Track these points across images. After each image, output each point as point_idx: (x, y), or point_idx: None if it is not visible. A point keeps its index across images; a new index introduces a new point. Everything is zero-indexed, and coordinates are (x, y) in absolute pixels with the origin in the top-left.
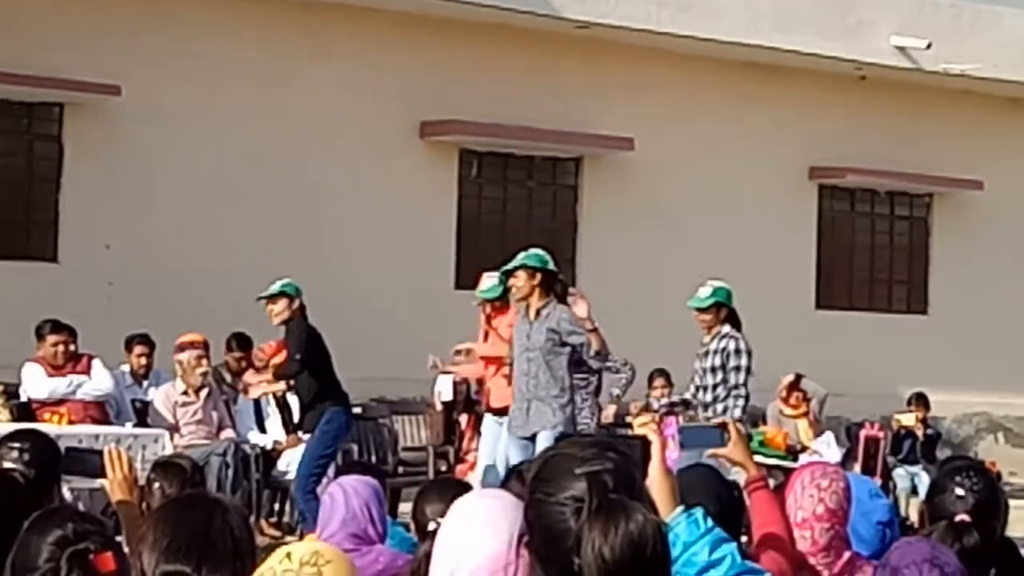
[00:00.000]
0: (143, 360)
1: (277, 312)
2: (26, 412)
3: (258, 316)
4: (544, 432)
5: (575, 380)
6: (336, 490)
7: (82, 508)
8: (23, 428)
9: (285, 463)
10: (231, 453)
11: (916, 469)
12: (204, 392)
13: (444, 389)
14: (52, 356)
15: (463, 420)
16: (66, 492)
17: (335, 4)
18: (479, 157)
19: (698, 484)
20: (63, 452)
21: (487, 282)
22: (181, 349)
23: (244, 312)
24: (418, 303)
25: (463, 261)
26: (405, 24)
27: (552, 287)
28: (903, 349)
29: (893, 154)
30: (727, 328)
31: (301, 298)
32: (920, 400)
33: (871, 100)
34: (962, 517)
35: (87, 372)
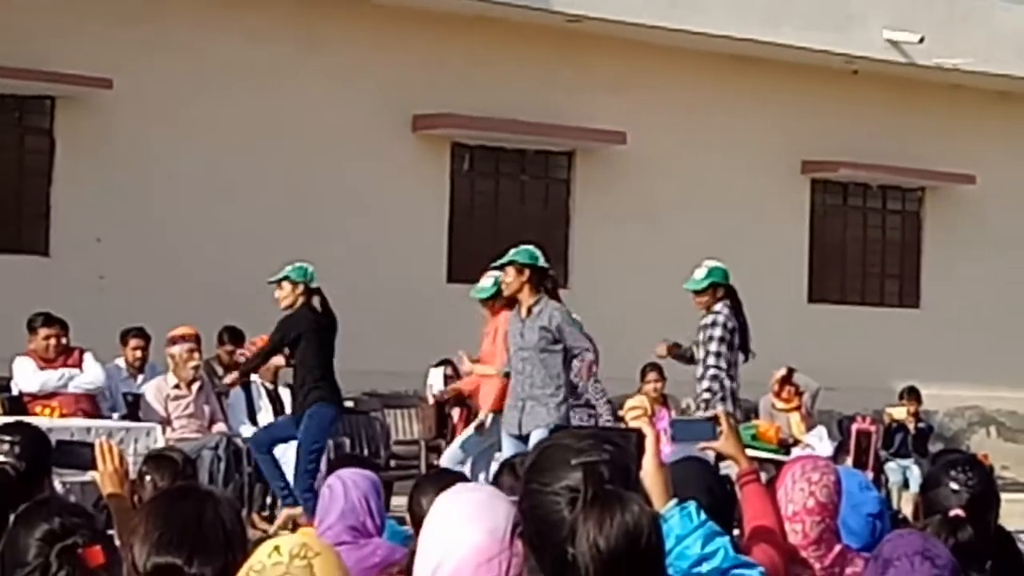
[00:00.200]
0: (138, 353)
1: (281, 298)
2: (17, 405)
3: (250, 309)
4: (538, 431)
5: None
6: (335, 482)
7: (73, 500)
8: (13, 421)
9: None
10: (223, 447)
11: (908, 463)
12: (196, 385)
13: (436, 383)
14: (44, 349)
15: (455, 414)
16: (58, 485)
17: None
18: (471, 151)
19: (690, 477)
20: (54, 445)
21: (482, 282)
22: (173, 342)
23: (236, 305)
24: (410, 297)
25: (455, 255)
26: (397, 18)
27: (542, 283)
28: (895, 343)
29: (885, 148)
30: (719, 306)
31: (308, 282)
32: (912, 394)
33: (863, 94)
34: (956, 512)
35: (78, 365)
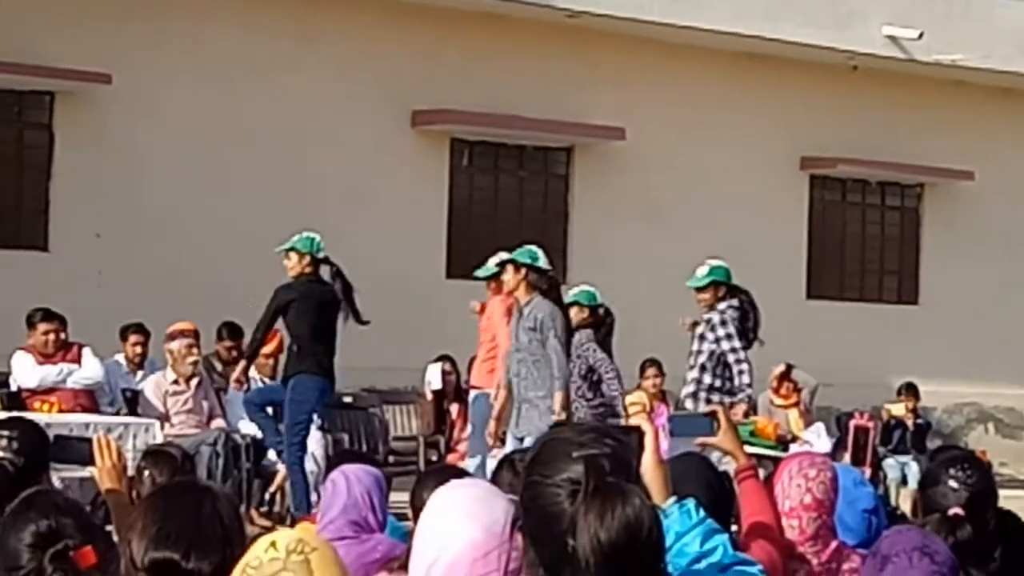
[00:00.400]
0: (138, 349)
1: (288, 267)
2: (16, 401)
3: (248, 305)
4: (529, 438)
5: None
6: (338, 477)
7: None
8: (11, 416)
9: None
10: (221, 443)
11: (906, 459)
12: (194, 381)
13: (433, 378)
14: (42, 345)
15: (453, 410)
16: (56, 481)
17: None
18: (470, 146)
19: (689, 472)
20: (52, 440)
21: (489, 262)
22: (171, 338)
23: (235, 301)
24: (409, 292)
25: (454, 250)
26: (396, 12)
27: (539, 284)
28: (894, 339)
29: (884, 144)
30: (722, 305)
31: (315, 253)
32: (910, 390)
33: (862, 90)
34: (956, 511)
35: (77, 361)
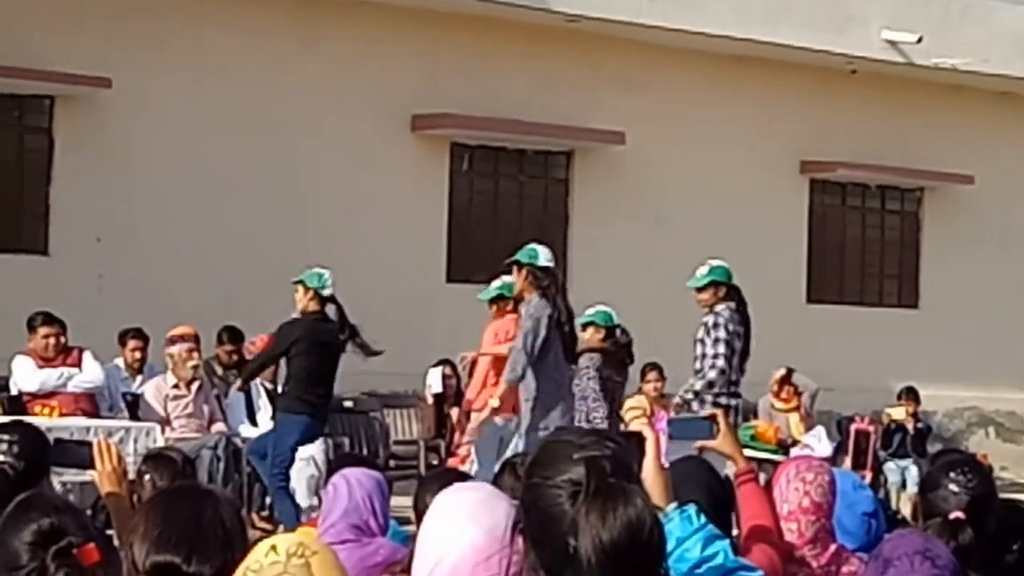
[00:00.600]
0: (137, 354)
1: (296, 300)
2: (17, 405)
3: (248, 309)
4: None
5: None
6: (340, 481)
7: (71, 499)
8: (12, 420)
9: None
10: (222, 446)
11: (906, 463)
12: (195, 385)
13: (434, 382)
14: (43, 348)
15: (454, 414)
16: (57, 485)
17: None
18: (470, 151)
19: (690, 476)
20: (52, 444)
21: (492, 284)
22: (172, 342)
23: (235, 305)
24: (409, 297)
25: (454, 255)
26: (396, 17)
27: (540, 281)
28: (894, 343)
29: (884, 148)
30: (721, 306)
31: (320, 289)
32: (910, 394)
33: (862, 94)
34: (957, 515)
35: (78, 365)
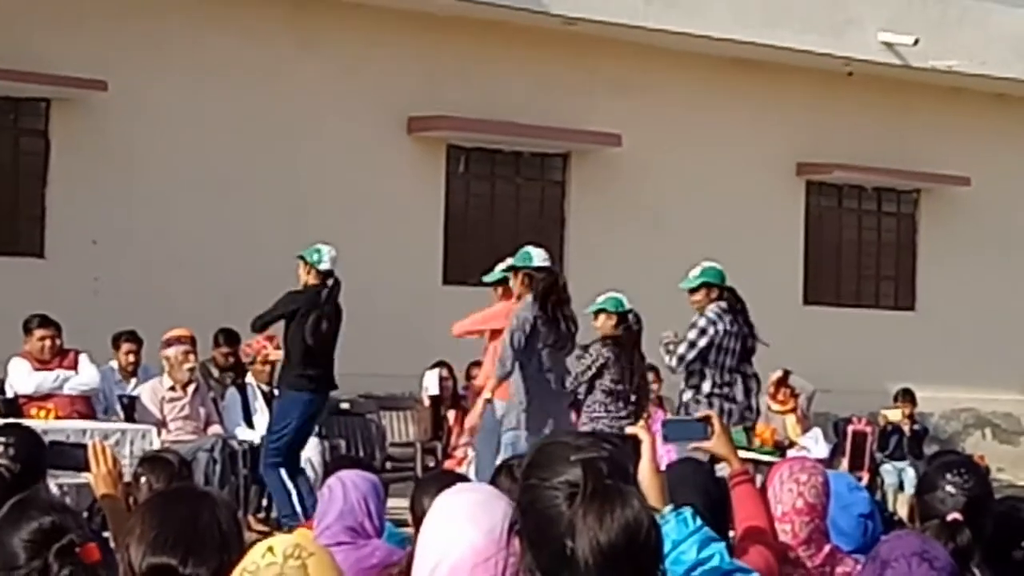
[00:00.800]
0: (131, 357)
1: (299, 275)
2: (12, 407)
3: (245, 311)
4: (507, 434)
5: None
6: (335, 483)
7: (68, 502)
8: (8, 423)
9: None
10: (218, 449)
11: (903, 465)
12: (191, 388)
13: (431, 384)
14: (39, 351)
15: (451, 416)
16: (53, 487)
17: None
18: (467, 153)
19: (686, 478)
20: (47, 446)
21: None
22: (168, 344)
23: (231, 307)
24: (406, 299)
25: (451, 257)
26: (394, 20)
27: (535, 284)
28: (891, 345)
29: (880, 150)
30: (712, 308)
31: (316, 265)
32: (907, 396)
33: (858, 96)
34: (955, 516)
35: (74, 367)
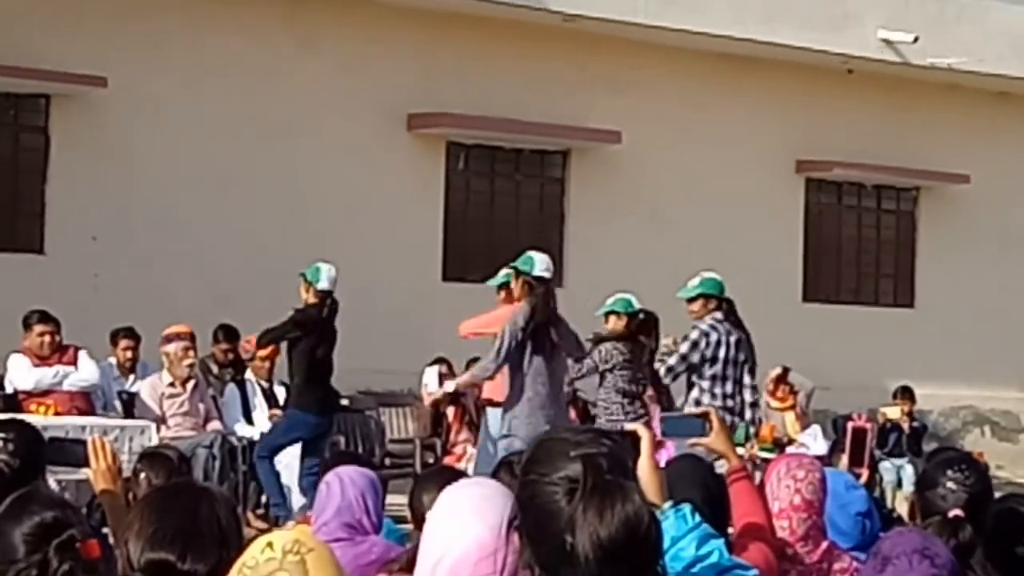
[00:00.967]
0: (128, 353)
1: (301, 293)
2: (12, 403)
3: (244, 308)
4: (501, 440)
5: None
6: (333, 479)
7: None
8: (7, 418)
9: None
10: (218, 445)
11: (902, 462)
12: (191, 384)
13: (430, 381)
14: (38, 347)
15: (450, 412)
16: (52, 483)
17: None
18: (466, 150)
19: (685, 474)
20: (47, 442)
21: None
22: (168, 340)
23: (231, 304)
24: (405, 295)
25: (450, 254)
26: (392, 16)
27: (533, 291)
28: (890, 342)
29: (880, 148)
30: (706, 320)
31: (315, 284)
32: (905, 393)
33: (858, 94)
34: (956, 513)
35: (73, 363)
